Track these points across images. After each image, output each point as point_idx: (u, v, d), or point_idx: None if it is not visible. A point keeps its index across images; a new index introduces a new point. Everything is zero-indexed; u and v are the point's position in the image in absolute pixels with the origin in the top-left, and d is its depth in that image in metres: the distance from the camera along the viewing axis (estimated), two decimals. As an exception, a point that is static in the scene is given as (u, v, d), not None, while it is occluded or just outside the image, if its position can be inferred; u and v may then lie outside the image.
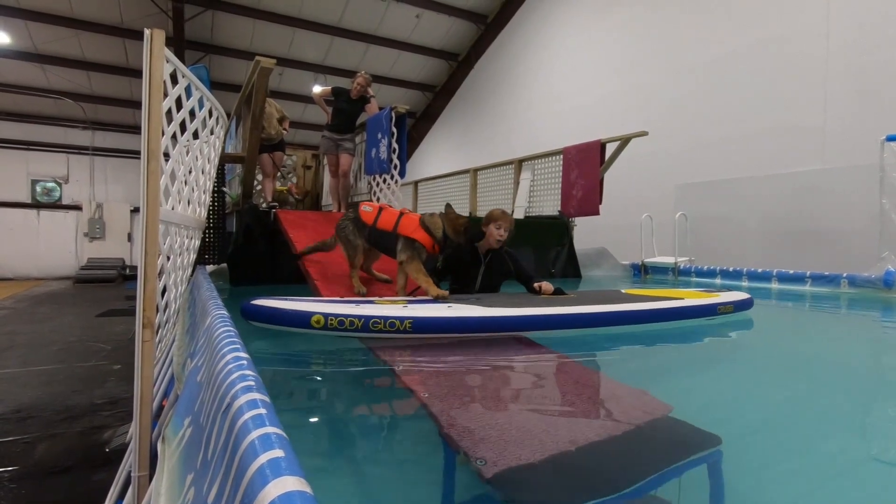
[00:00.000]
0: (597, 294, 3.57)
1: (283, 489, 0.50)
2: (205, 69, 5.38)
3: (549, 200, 6.44)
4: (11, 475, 2.87)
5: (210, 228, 4.96)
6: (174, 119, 1.91)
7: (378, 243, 3.24)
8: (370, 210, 3.23)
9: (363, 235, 3.22)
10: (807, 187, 6.20)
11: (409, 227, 3.07)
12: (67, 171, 15.64)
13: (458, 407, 1.51)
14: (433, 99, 16.46)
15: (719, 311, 3.09)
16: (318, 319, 2.13)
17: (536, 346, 2.34)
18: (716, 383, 2.08)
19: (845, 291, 4.77)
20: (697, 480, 1.16)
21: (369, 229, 3.19)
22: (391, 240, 3.11)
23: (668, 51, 8.39)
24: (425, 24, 13.30)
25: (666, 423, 1.42)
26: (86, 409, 3.93)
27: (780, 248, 6.38)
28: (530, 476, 1.07)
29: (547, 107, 11.32)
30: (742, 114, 7.15)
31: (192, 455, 0.90)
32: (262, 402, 0.75)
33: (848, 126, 5.99)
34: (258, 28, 12.60)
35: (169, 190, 1.91)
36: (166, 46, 1.63)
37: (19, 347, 5.95)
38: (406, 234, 3.05)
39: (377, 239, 3.21)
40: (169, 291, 2.05)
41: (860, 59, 5.92)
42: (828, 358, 2.58)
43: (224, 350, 1.05)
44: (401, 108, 4.94)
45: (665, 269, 6.30)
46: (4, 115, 14.52)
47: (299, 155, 8.22)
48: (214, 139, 2.82)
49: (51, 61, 12.35)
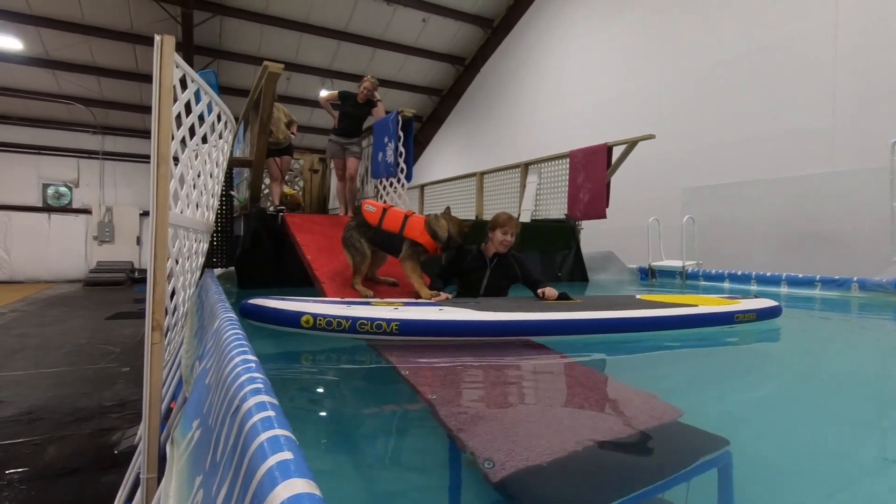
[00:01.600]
0: (607, 299, 3.43)
1: (293, 491, 0.51)
2: (213, 74, 5.44)
3: (556, 204, 6.42)
4: (22, 476, 2.89)
5: (218, 232, 4.99)
6: (183, 123, 1.92)
7: (383, 245, 3.25)
8: (374, 210, 3.21)
9: (368, 238, 3.22)
10: (816, 190, 6.14)
11: (416, 230, 3.11)
12: (78, 176, 15.81)
13: (465, 408, 1.51)
14: (439, 103, 16.50)
15: (737, 320, 2.86)
16: (308, 319, 2.16)
17: (544, 349, 2.33)
18: (728, 388, 2.06)
19: (856, 295, 4.72)
20: (707, 484, 1.15)
21: (374, 231, 3.19)
22: (397, 242, 3.14)
23: (674, 54, 8.37)
24: (432, 29, 13.35)
25: (675, 427, 1.41)
26: (95, 412, 3.96)
27: (789, 252, 6.32)
28: (538, 479, 1.07)
29: (553, 110, 11.31)
30: (750, 116, 7.11)
31: (200, 457, 0.90)
32: (270, 404, 0.76)
33: (857, 129, 5.94)
34: (266, 33, 12.70)
35: (178, 194, 1.92)
36: (176, 52, 1.65)
37: (30, 350, 6.01)
38: (412, 238, 3.09)
39: (383, 240, 3.21)
40: (178, 294, 2.06)
41: (869, 61, 5.87)
42: (844, 364, 2.55)
43: (232, 353, 1.06)
44: (407, 112, 4.95)
45: (672, 272, 6.27)
46: (17, 120, 14.72)
47: (306, 159, 8.25)
48: (223, 143, 2.84)
49: (62, 67, 12.51)
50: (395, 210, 3.23)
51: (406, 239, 3.11)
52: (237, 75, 13.60)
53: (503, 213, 3.26)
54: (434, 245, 3.11)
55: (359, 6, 12.26)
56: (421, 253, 3.12)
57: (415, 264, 3.09)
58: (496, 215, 3.22)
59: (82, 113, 14.59)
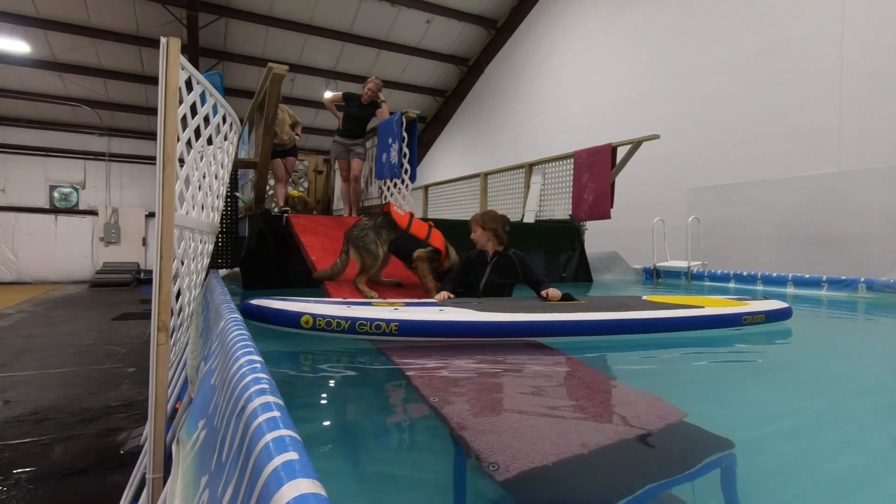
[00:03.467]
0: (613, 300, 3.38)
1: (298, 491, 0.51)
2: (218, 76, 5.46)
3: (560, 204, 6.41)
4: (29, 476, 2.91)
5: (223, 233, 5.01)
6: (189, 125, 1.93)
7: (403, 248, 3.37)
8: (403, 214, 3.40)
9: (388, 240, 3.28)
10: (822, 191, 6.11)
11: (439, 240, 3.42)
12: (84, 177, 15.93)
13: (469, 410, 1.50)
14: (443, 103, 16.51)
15: (745, 322, 2.81)
16: (307, 320, 2.17)
17: (549, 350, 2.33)
18: (735, 390, 2.05)
19: (863, 296, 4.68)
20: (710, 485, 1.14)
21: (401, 233, 3.27)
22: (420, 247, 3.35)
23: (679, 54, 8.34)
24: (435, 30, 13.37)
25: (679, 429, 1.41)
26: (101, 412, 3.98)
27: (795, 253, 6.29)
28: (543, 481, 1.06)
29: (557, 110, 11.30)
30: (755, 116, 7.08)
31: (206, 457, 0.90)
32: (276, 404, 0.76)
33: (864, 128, 5.90)
34: (271, 35, 12.75)
35: (184, 195, 1.93)
36: (181, 54, 1.66)
37: (37, 350, 6.05)
38: (435, 246, 3.37)
39: (406, 244, 3.33)
40: (183, 295, 2.07)
41: (876, 60, 5.84)
42: (854, 366, 2.52)
43: (238, 353, 1.06)
44: (411, 113, 4.96)
45: (678, 273, 6.24)
46: (24, 122, 14.84)
47: (311, 160, 8.28)
48: (228, 145, 2.86)
49: (69, 69, 12.60)
50: (418, 220, 3.49)
51: (430, 246, 3.37)
52: (242, 77, 13.67)
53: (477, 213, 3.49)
54: (445, 259, 3.43)
55: (363, 7, 12.30)
56: (434, 260, 3.39)
57: (429, 266, 3.36)
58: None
59: (89, 115, 14.69)
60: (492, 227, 3.25)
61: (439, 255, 3.38)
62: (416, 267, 3.33)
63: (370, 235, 3.22)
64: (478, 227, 3.29)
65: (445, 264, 3.44)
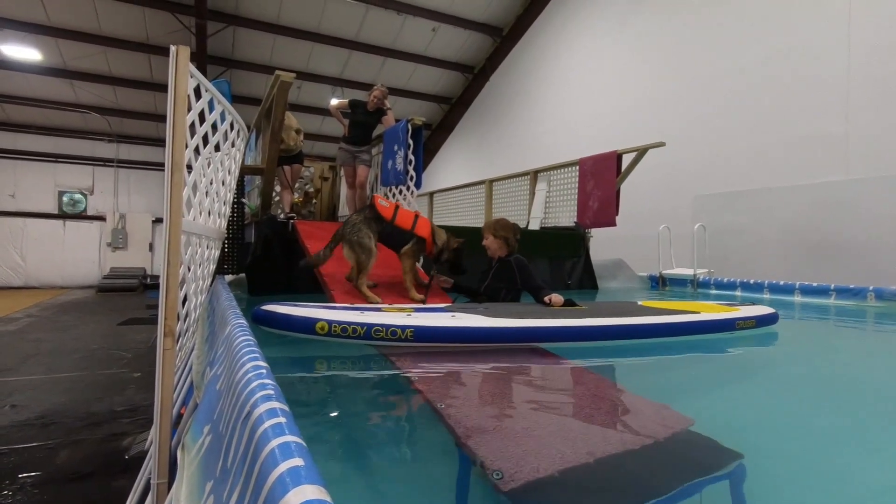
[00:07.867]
0: (611, 305, 3.44)
1: (304, 498, 0.51)
2: (226, 83, 5.51)
3: (565, 211, 6.41)
4: (34, 480, 2.92)
5: (229, 239, 5.03)
6: (197, 132, 1.95)
7: (390, 240, 3.37)
8: (387, 206, 3.38)
9: (376, 232, 3.28)
10: (830, 198, 6.06)
11: (425, 229, 3.38)
12: (93, 183, 16.09)
13: (475, 417, 1.50)
14: (449, 111, 16.58)
15: (738, 327, 2.93)
16: (323, 326, 2.18)
17: (554, 357, 2.32)
18: (739, 398, 2.03)
19: (872, 305, 4.63)
20: (719, 496, 1.13)
21: (385, 225, 3.27)
22: (407, 238, 3.33)
23: (685, 61, 8.34)
24: (441, 38, 13.45)
25: (687, 438, 1.39)
26: (106, 416, 3.99)
27: (803, 261, 6.24)
28: (548, 490, 1.06)
29: (562, 118, 11.31)
30: (762, 123, 7.05)
31: (211, 463, 0.90)
32: (281, 410, 0.76)
33: (872, 135, 5.86)
34: (278, 43, 12.87)
35: (191, 201, 1.94)
36: (190, 62, 1.68)
37: (44, 355, 6.08)
38: (420, 235, 3.35)
39: (391, 235, 3.33)
40: (189, 301, 2.08)
41: (883, 67, 5.81)
42: (858, 375, 2.50)
43: (243, 359, 1.06)
44: (417, 120, 4.98)
45: (684, 280, 6.21)
46: (35, 128, 15.03)
47: (316, 167, 8.32)
48: (235, 152, 2.88)
49: (79, 77, 12.77)
50: (404, 209, 3.44)
51: (415, 236, 3.34)
52: (250, 84, 13.79)
53: (489, 220, 3.51)
54: (432, 246, 3.41)
55: (369, 16, 12.40)
56: (420, 252, 3.39)
57: (413, 263, 3.36)
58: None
59: (98, 122, 14.86)
60: (503, 236, 3.32)
61: (424, 242, 3.39)
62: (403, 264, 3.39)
63: (363, 229, 3.25)
64: (490, 234, 3.34)
65: (434, 250, 3.44)
